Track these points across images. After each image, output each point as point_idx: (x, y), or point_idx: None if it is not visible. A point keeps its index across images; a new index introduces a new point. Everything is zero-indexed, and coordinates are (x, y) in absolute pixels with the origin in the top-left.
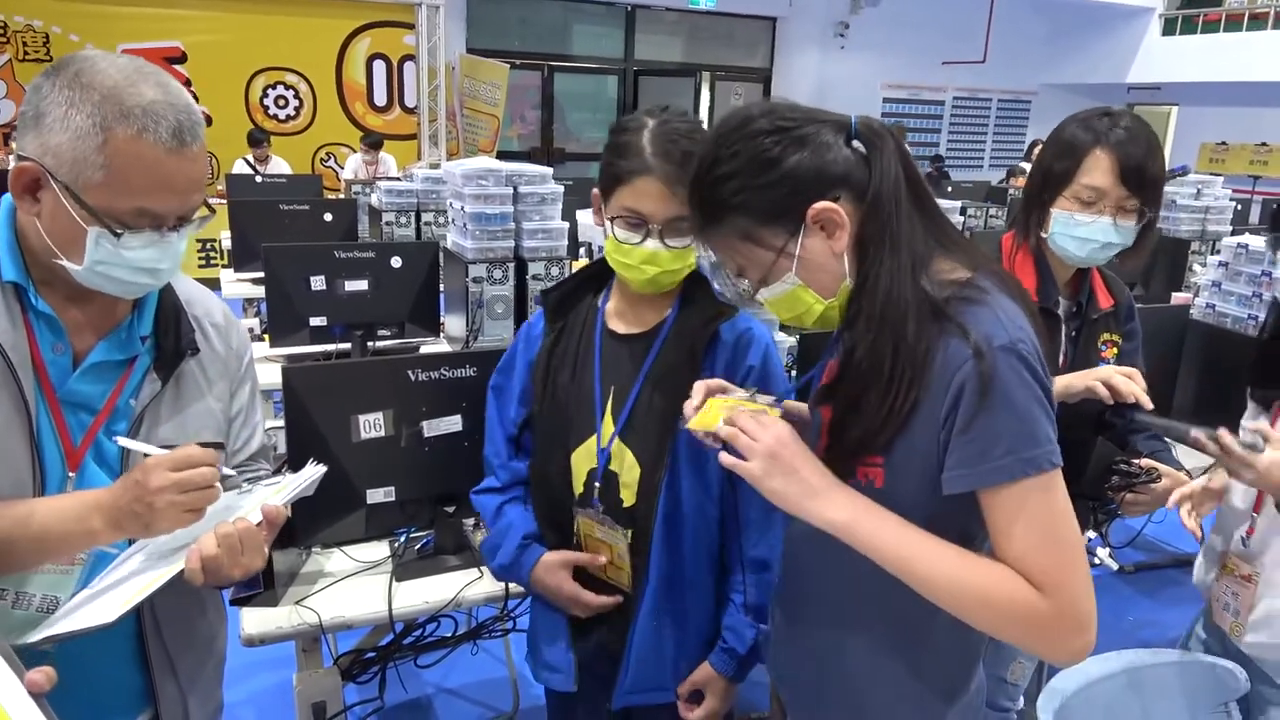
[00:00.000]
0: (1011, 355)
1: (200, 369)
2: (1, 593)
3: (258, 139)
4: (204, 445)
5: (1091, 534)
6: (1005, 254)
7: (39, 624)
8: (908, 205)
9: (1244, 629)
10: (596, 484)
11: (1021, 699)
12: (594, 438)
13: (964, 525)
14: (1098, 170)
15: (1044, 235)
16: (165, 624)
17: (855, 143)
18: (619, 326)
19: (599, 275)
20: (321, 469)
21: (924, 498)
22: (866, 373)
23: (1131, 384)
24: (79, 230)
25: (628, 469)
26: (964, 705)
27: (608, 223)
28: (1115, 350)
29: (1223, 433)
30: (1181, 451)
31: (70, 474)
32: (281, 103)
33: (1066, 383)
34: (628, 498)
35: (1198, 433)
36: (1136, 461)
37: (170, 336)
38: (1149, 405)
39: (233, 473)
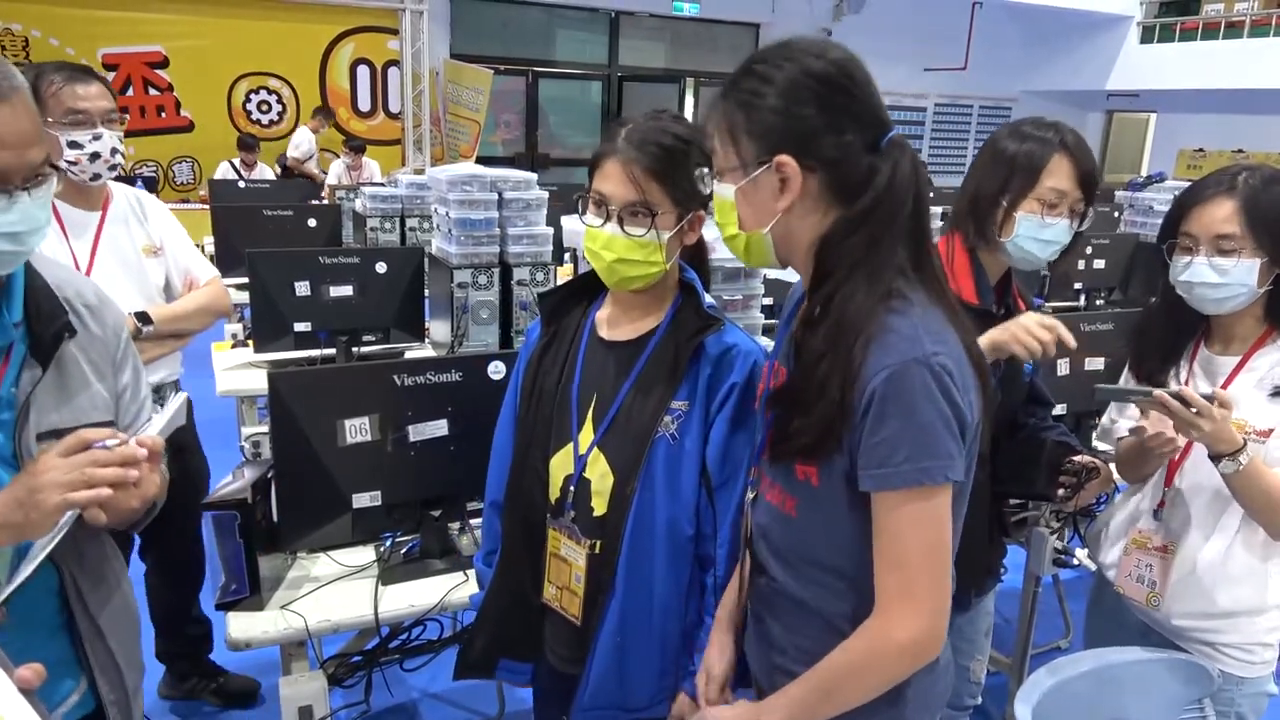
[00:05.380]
0: (923, 368)
1: (80, 350)
2: None
3: (249, 144)
4: (95, 425)
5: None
6: (944, 258)
7: None
8: (906, 224)
9: (1161, 598)
10: (572, 488)
11: (980, 696)
12: (572, 444)
13: None
14: (1061, 174)
15: (1002, 239)
16: (86, 588)
17: (874, 153)
18: (609, 333)
19: (598, 280)
20: (183, 395)
21: (851, 494)
22: (820, 380)
23: (1046, 334)
24: None
25: (600, 477)
26: (929, 681)
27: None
28: None
29: (1186, 389)
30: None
31: None
32: (264, 108)
33: (990, 340)
34: (599, 506)
35: (1160, 393)
36: (1077, 459)
37: (43, 320)
38: (1071, 343)
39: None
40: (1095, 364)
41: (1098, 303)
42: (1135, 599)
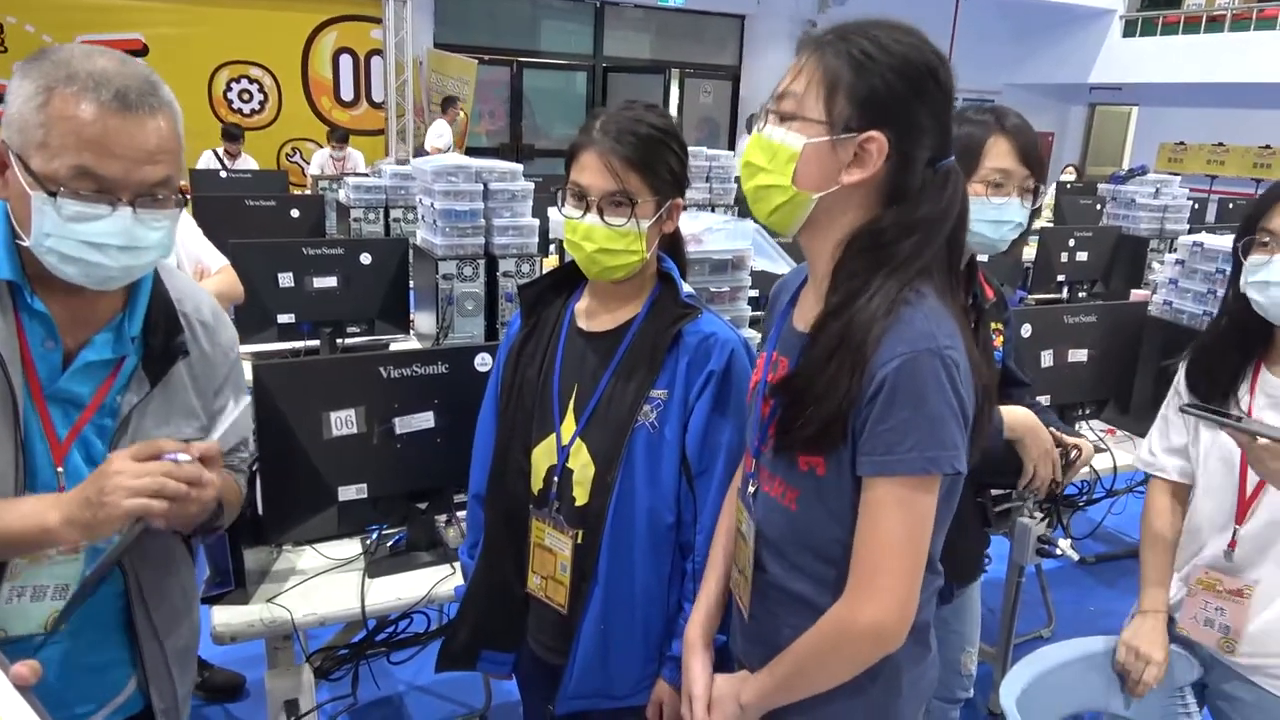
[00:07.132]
0: (935, 359)
1: (188, 368)
2: (20, 590)
3: (234, 134)
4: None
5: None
6: None
7: (57, 611)
8: (940, 250)
9: (1238, 643)
10: (555, 479)
11: (971, 689)
12: (554, 435)
13: None
14: (1000, 153)
15: None
16: (149, 594)
17: (933, 168)
18: (588, 324)
19: (577, 272)
20: (246, 400)
21: (858, 482)
22: (832, 375)
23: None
24: (28, 199)
25: (582, 467)
26: (920, 671)
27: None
28: (1002, 337)
29: None
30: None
31: (59, 468)
32: (246, 97)
33: (1021, 427)
34: (580, 496)
35: (1262, 428)
36: (1060, 440)
37: (159, 336)
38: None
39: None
40: (1079, 355)
41: (1080, 295)
42: (1205, 643)
